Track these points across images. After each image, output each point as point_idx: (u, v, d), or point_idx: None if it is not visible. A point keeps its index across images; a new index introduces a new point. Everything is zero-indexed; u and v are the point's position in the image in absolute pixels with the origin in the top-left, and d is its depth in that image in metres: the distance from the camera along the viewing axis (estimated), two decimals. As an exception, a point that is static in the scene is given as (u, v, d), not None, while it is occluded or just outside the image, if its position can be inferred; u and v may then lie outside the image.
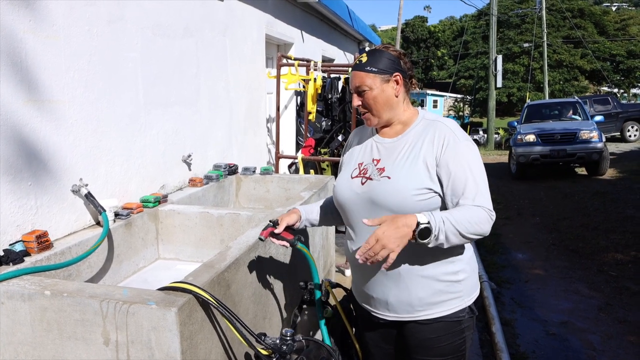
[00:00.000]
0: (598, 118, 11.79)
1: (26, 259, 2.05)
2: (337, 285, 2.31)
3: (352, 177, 1.81)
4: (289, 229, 1.99)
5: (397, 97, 1.74)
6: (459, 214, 1.56)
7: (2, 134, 2.06)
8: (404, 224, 1.50)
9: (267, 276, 2.34)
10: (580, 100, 12.74)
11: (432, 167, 1.65)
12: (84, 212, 2.54)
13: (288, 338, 1.77)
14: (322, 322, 2.10)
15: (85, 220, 2.55)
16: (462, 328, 1.76)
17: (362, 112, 1.77)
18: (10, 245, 2.08)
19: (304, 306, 2.25)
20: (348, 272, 4.77)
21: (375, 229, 1.52)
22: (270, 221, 1.97)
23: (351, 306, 2.31)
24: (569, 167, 11.16)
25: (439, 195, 1.66)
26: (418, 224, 1.50)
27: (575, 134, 10.29)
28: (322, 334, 2.11)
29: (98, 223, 2.59)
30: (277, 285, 2.45)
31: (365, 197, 1.73)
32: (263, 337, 1.77)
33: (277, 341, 1.77)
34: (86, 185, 2.48)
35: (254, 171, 3.95)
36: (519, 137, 10.85)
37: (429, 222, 1.50)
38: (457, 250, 1.73)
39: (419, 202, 1.64)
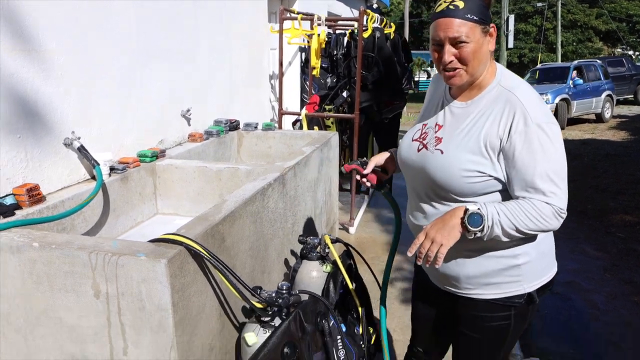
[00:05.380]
0: (579, 81, 12.94)
1: (17, 212, 2.00)
2: (337, 240, 2.25)
3: (412, 140, 1.64)
4: (380, 172, 1.80)
5: (490, 51, 1.51)
6: (517, 207, 1.40)
7: (-12, 83, 1.98)
8: (451, 215, 1.41)
9: (266, 230, 2.28)
10: (570, 65, 13.76)
11: (493, 149, 1.44)
12: (78, 166, 2.47)
13: (284, 292, 1.73)
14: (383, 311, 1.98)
15: (80, 175, 2.49)
16: (511, 314, 1.59)
17: (453, 68, 1.47)
18: (0, 198, 2.02)
19: (303, 260, 2.20)
20: (352, 230, 4.73)
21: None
22: (358, 159, 1.82)
23: (351, 262, 2.27)
24: None
25: (497, 179, 1.46)
26: (466, 211, 1.39)
27: None
28: (380, 319, 2.02)
29: (93, 177, 2.53)
30: (276, 240, 2.39)
31: (419, 166, 1.58)
32: (258, 291, 1.73)
33: (273, 295, 1.72)
34: (79, 138, 2.40)
35: (255, 127, 3.86)
36: None
37: (479, 209, 1.38)
38: None
39: (470, 184, 1.46)
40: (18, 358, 1.78)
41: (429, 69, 30.27)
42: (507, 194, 1.49)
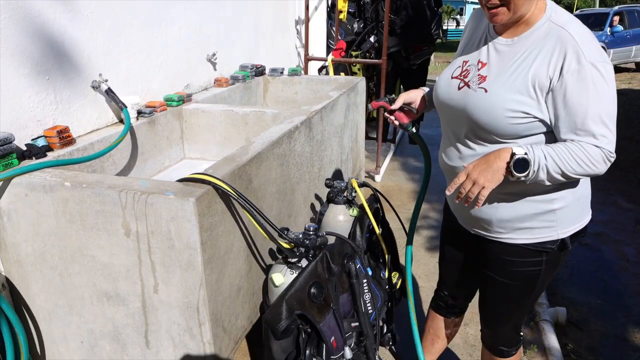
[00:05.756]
0: (618, 29, 12.58)
1: (49, 154, 2.03)
2: (365, 184, 2.23)
3: (452, 77, 1.58)
4: (409, 110, 1.76)
5: None
6: (565, 150, 1.33)
7: (15, 24, 1.96)
8: (496, 156, 1.35)
9: (292, 173, 2.27)
10: (610, 11, 13.21)
11: (541, 89, 1.36)
12: (106, 109, 2.48)
13: (311, 233, 1.73)
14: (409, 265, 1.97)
15: (108, 118, 2.49)
16: (542, 259, 1.56)
17: (496, 5, 1.39)
18: (32, 140, 2.05)
19: (330, 204, 2.20)
20: (378, 178, 4.72)
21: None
22: (386, 96, 1.78)
23: (378, 206, 2.25)
24: None
25: (542, 121, 1.40)
26: (513, 155, 1.33)
27: None
28: (406, 259, 2.04)
29: (121, 121, 2.54)
30: (303, 184, 2.39)
31: (458, 105, 1.51)
32: (286, 232, 1.73)
33: (300, 235, 1.73)
34: (106, 81, 2.40)
35: (281, 72, 3.80)
36: None
37: (526, 154, 1.32)
38: None
39: (514, 125, 1.40)
40: (55, 294, 1.85)
41: (458, 17, 29.22)
42: (550, 135, 1.43)
